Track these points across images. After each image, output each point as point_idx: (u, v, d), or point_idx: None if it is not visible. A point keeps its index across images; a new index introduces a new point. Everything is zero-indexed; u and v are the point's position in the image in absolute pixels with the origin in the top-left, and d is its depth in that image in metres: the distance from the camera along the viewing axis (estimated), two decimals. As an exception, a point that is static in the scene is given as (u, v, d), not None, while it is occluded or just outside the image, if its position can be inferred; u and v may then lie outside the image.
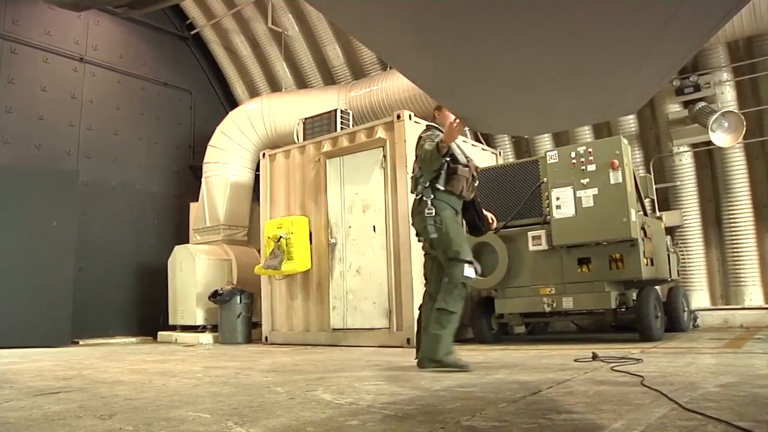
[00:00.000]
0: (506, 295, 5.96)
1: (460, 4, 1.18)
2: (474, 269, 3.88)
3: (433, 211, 3.94)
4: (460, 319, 3.95)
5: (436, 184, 3.98)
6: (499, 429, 1.96)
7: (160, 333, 9.04)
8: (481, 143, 8.07)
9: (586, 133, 7.78)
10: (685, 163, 7.36)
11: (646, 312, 5.33)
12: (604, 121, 7.29)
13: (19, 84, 8.58)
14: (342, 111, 7.91)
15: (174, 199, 10.36)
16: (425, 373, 3.66)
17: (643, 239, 5.47)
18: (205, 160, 9.52)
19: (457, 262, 3.86)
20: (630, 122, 7.64)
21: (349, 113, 8.01)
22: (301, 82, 10.29)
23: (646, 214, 6.03)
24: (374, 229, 6.62)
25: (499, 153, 8.28)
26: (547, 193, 5.74)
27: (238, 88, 11.12)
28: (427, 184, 4.01)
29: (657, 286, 6.14)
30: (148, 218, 10.00)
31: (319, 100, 8.90)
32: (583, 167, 5.49)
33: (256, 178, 9.03)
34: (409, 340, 5.91)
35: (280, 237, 7.21)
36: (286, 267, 7.19)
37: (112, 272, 9.30)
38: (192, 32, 10.93)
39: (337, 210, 7.06)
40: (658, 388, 2.56)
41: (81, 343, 8.27)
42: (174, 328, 8.79)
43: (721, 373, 3.07)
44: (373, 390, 2.97)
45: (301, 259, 7.17)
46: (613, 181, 5.35)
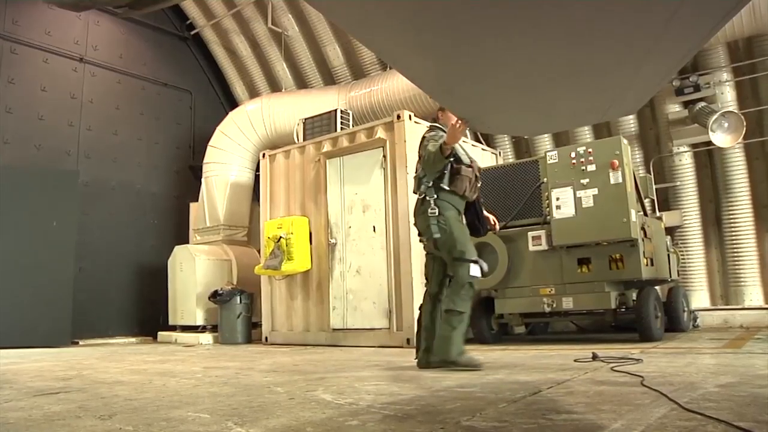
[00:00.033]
0: (506, 296, 5.96)
1: (460, 4, 1.18)
2: (480, 268, 3.89)
3: (437, 211, 3.94)
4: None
5: (440, 184, 3.99)
6: (499, 429, 1.96)
7: (160, 333, 9.04)
8: (481, 143, 8.07)
9: (586, 134, 7.77)
10: (685, 164, 7.36)
11: (646, 312, 5.33)
12: (604, 121, 7.28)
13: (19, 84, 8.58)
14: (342, 111, 7.91)
15: (174, 199, 10.36)
16: (425, 373, 3.67)
17: (643, 239, 5.47)
18: (205, 160, 9.52)
19: (462, 262, 3.87)
20: (630, 122, 7.64)
21: (349, 113, 8.01)
22: (301, 83, 10.29)
23: (646, 214, 6.03)
24: (374, 230, 6.62)
25: (499, 153, 8.28)
26: (547, 194, 5.74)
27: (238, 88, 11.12)
28: (430, 184, 4.01)
29: (657, 287, 6.14)
30: (148, 218, 10.00)
31: (319, 101, 8.90)
32: (583, 167, 5.50)
33: (256, 179, 9.03)
34: (409, 340, 5.91)
35: (280, 237, 7.21)
36: (286, 267, 7.19)
37: (112, 272, 9.30)
38: (192, 32, 10.93)
39: (337, 210, 7.06)
40: (658, 389, 2.56)
41: (81, 343, 8.26)
42: (174, 329, 8.79)
43: (721, 374, 3.07)
44: (373, 390, 2.97)
45: (301, 260, 7.17)
46: (613, 182, 5.35)
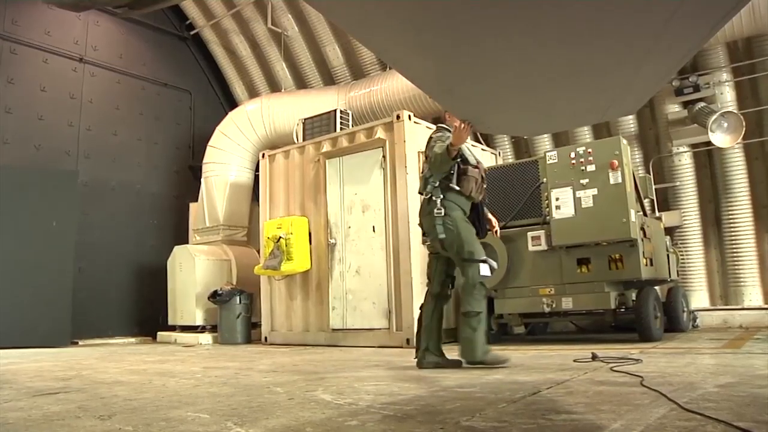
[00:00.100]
0: (506, 296, 5.96)
1: (460, 4, 1.18)
2: (489, 267, 3.91)
3: (443, 212, 3.95)
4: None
5: (449, 184, 3.99)
6: (499, 429, 1.96)
7: (160, 333, 9.04)
8: (481, 143, 8.07)
9: (585, 134, 7.77)
10: (685, 164, 7.36)
11: (645, 312, 5.33)
12: (604, 122, 7.29)
13: (19, 84, 8.58)
14: (341, 111, 7.91)
15: (173, 199, 10.35)
16: (425, 374, 3.67)
17: (643, 239, 5.47)
18: (205, 161, 9.52)
19: (472, 262, 3.88)
20: (629, 122, 7.64)
21: (348, 113, 8.01)
22: (301, 83, 10.29)
23: (645, 214, 6.04)
24: (374, 230, 6.62)
25: (499, 153, 8.28)
26: (546, 194, 5.74)
27: (238, 88, 11.12)
28: (437, 184, 4.01)
29: (656, 287, 6.14)
30: (147, 218, 9.99)
31: (319, 101, 8.90)
32: (583, 167, 5.50)
33: (256, 179, 9.03)
34: (408, 340, 5.91)
35: (280, 237, 7.21)
36: (286, 267, 7.18)
37: (112, 272, 9.29)
38: (192, 32, 10.92)
39: (336, 210, 7.06)
40: (657, 389, 2.56)
41: (80, 343, 8.25)
42: (173, 329, 8.78)
43: (720, 374, 3.08)
44: (373, 390, 2.97)
45: (300, 260, 7.17)
46: (612, 182, 5.35)
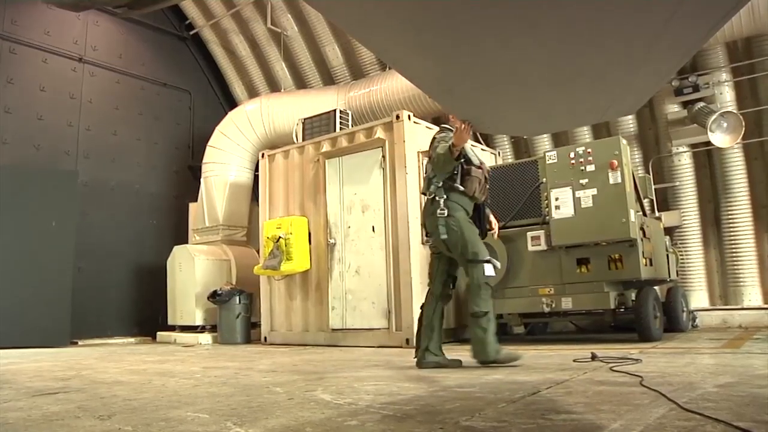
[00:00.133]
0: (505, 296, 5.96)
1: (460, 4, 1.18)
2: (493, 266, 3.92)
3: (446, 212, 3.96)
4: (461, 319, 3.96)
5: (453, 184, 4.00)
6: (498, 429, 1.96)
7: (159, 333, 9.03)
8: (481, 143, 8.07)
9: (585, 134, 7.78)
10: (684, 164, 7.36)
11: (645, 312, 5.33)
12: (604, 122, 7.29)
13: (18, 84, 8.57)
14: (341, 111, 7.91)
15: (173, 199, 10.35)
16: (424, 373, 3.67)
17: (642, 239, 5.47)
18: (204, 161, 9.52)
19: (476, 263, 3.89)
20: (629, 122, 7.64)
21: (348, 113, 8.01)
22: (300, 83, 10.29)
23: (645, 214, 6.04)
24: (373, 230, 6.62)
25: (498, 153, 8.28)
26: (546, 194, 5.74)
27: (237, 88, 11.12)
28: (440, 184, 4.02)
29: (656, 287, 6.14)
30: (147, 218, 9.99)
31: (318, 101, 8.90)
32: (582, 167, 5.50)
33: (255, 179, 9.03)
34: (408, 340, 5.91)
35: (279, 237, 7.21)
36: (285, 267, 7.18)
37: (112, 272, 9.29)
38: (191, 32, 10.92)
39: (336, 210, 7.06)
40: (657, 389, 2.56)
41: (80, 343, 8.25)
42: (173, 329, 8.78)
43: (719, 374, 3.08)
44: (372, 390, 2.97)
45: (300, 260, 7.17)
46: (612, 182, 5.35)
